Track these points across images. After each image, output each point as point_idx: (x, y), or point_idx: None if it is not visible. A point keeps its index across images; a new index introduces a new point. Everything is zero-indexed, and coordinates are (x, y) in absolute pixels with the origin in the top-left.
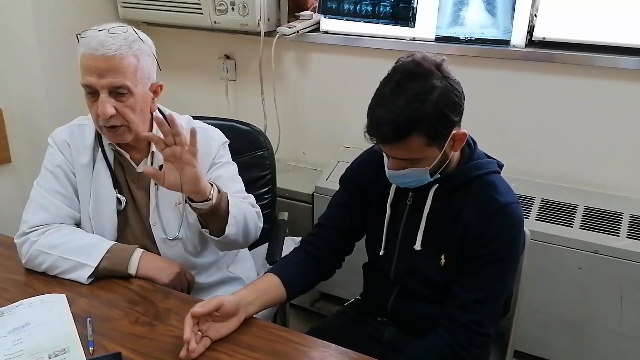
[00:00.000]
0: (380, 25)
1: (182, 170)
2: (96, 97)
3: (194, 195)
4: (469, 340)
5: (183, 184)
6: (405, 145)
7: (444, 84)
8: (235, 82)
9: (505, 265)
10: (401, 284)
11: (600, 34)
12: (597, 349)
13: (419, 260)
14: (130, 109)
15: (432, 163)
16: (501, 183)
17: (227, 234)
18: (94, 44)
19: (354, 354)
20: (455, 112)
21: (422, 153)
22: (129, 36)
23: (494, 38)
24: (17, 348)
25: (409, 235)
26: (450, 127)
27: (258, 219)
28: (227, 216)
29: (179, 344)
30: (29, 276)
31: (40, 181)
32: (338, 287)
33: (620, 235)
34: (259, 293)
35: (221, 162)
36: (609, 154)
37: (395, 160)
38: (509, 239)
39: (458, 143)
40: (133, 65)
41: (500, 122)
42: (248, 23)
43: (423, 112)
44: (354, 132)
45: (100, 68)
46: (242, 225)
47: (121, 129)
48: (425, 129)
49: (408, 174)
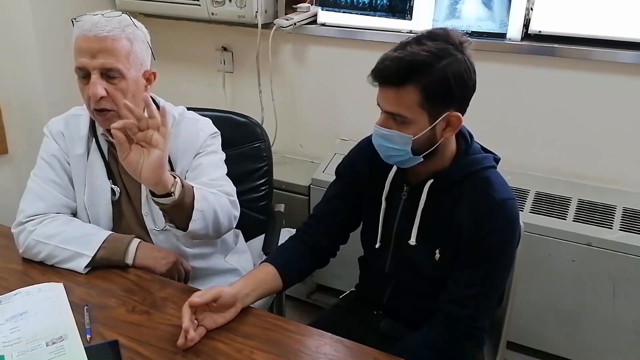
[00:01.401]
0: (378, 17)
1: (148, 154)
2: (88, 79)
3: (154, 187)
4: (464, 333)
5: (143, 169)
6: (400, 94)
7: (460, 57)
8: (233, 74)
9: (500, 261)
10: (396, 278)
11: (596, 27)
12: (590, 340)
13: (414, 255)
14: (122, 92)
15: (419, 133)
16: (496, 179)
17: (190, 229)
18: (88, 25)
19: (349, 342)
20: (458, 87)
21: (413, 112)
22: (123, 20)
23: (490, 31)
24: (14, 336)
25: (403, 229)
26: (448, 99)
27: (234, 207)
28: (192, 211)
29: (176, 332)
30: (26, 265)
31: (36, 171)
32: (334, 279)
33: (613, 227)
34: (256, 284)
35: (206, 151)
36: (603, 147)
37: (384, 115)
38: (504, 236)
39: (450, 129)
40: (126, 48)
41: (496, 115)
42: (245, 15)
43: (429, 66)
44: (350, 124)
45: (93, 49)
46: (212, 219)
47: (110, 114)
48: (424, 83)
49: (392, 137)
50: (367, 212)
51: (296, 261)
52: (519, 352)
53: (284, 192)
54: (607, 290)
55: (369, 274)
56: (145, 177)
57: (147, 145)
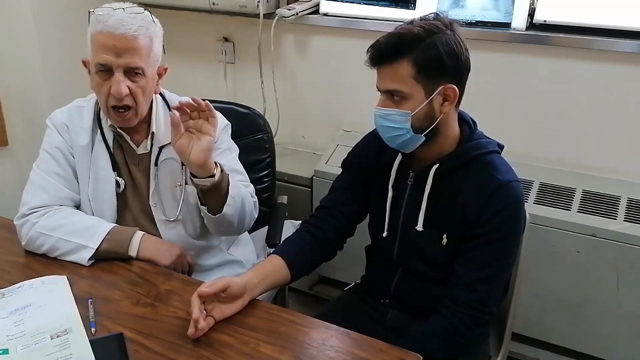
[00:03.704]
0: (380, 7)
1: (198, 139)
2: (108, 75)
3: (198, 170)
4: (472, 319)
5: (192, 152)
6: (394, 69)
7: (450, 34)
8: (234, 64)
9: (507, 243)
10: (404, 265)
11: (601, 17)
12: (594, 330)
13: (421, 241)
14: (142, 90)
15: (417, 108)
16: (501, 162)
17: (224, 212)
18: (113, 22)
19: (356, 334)
20: (450, 59)
21: (408, 86)
22: (146, 17)
23: (495, 21)
24: (19, 329)
25: (410, 216)
26: (441, 71)
27: (254, 209)
28: (226, 196)
29: (181, 324)
30: (29, 258)
31: (39, 163)
32: (337, 271)
33: (617, 218)
34: (264, 275)
35: (221, 149)
36: (608, 138)
37: (383, 96)
38: (509, 217)
39: (448, 103)
40: (147, 47)
41: (500, 105)
42: (247, 5)
43: (420, 39)
44: (353, 115)
45: (119, 47)
46: (239, 209)
47: (130, 113)
48: (416, 56)
49: (391, 116)
50: (374, 202)
51: (304, 253)
52: (524, 342)
53: (286, 183)
54: (611, 281)
55: (376, 263)
56: (194, 158)
57: (198, 132)
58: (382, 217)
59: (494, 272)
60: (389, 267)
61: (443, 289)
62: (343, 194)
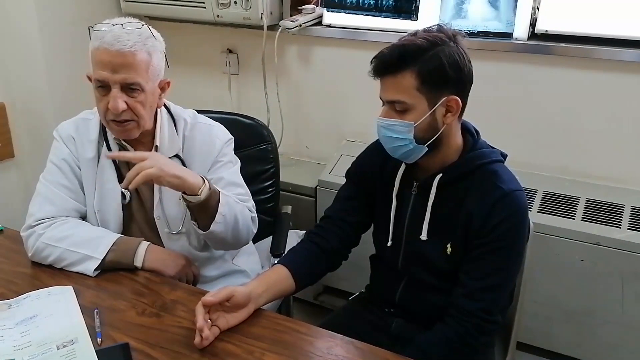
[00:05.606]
0: (383, 18)
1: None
2: (106, 91)
3: (179, 190)
4: (477, 328)
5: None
6: (397, 80)
7: (454, 46)
8: (238, 76)
9: (511, 252)
10: (409, 274)
11: (603, 26)
12: (598, 339)
13: (426, 250)
14: (141, 104)
15: (420, 119)
16: (504, 171)
17: (211, 230)
18: (109, 38)
19: (361, 343)
20: (453, 71)
21: (411, 97)
22: (144, 32)
23: (497, 31)
24: (25, 339)
25: (414, 225)
26: (444, 83)
27: (252, 224)
28: (215, 214)
29: (187, 334)
30: (35, 269)
31: (46, 175)
32: (342, 281)
33: (621, 226)
34: (268, 285)
35: (223, 162)
36: (611, 146)
37: (386, 107)
38: (513, 226)
39: (451, 114)
40: (145, 62)
41: (503, 115)
42: (251, 17)
43: (423, 51)
44: (356, 125)
45: (114, 63)
46: (232, 226)
47: (131, 124)
48: (419, 67)
49: (394, 127)
50: (378, 212)
51: (309, 263)
52: (528, 352)
53: (290, 193)
54: (616, 289)
55: (381, 272)
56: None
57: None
58: (386, 226)
59: (499, 281)
60: (393, 276)
61: (448, 298)
62: (347, 204)
